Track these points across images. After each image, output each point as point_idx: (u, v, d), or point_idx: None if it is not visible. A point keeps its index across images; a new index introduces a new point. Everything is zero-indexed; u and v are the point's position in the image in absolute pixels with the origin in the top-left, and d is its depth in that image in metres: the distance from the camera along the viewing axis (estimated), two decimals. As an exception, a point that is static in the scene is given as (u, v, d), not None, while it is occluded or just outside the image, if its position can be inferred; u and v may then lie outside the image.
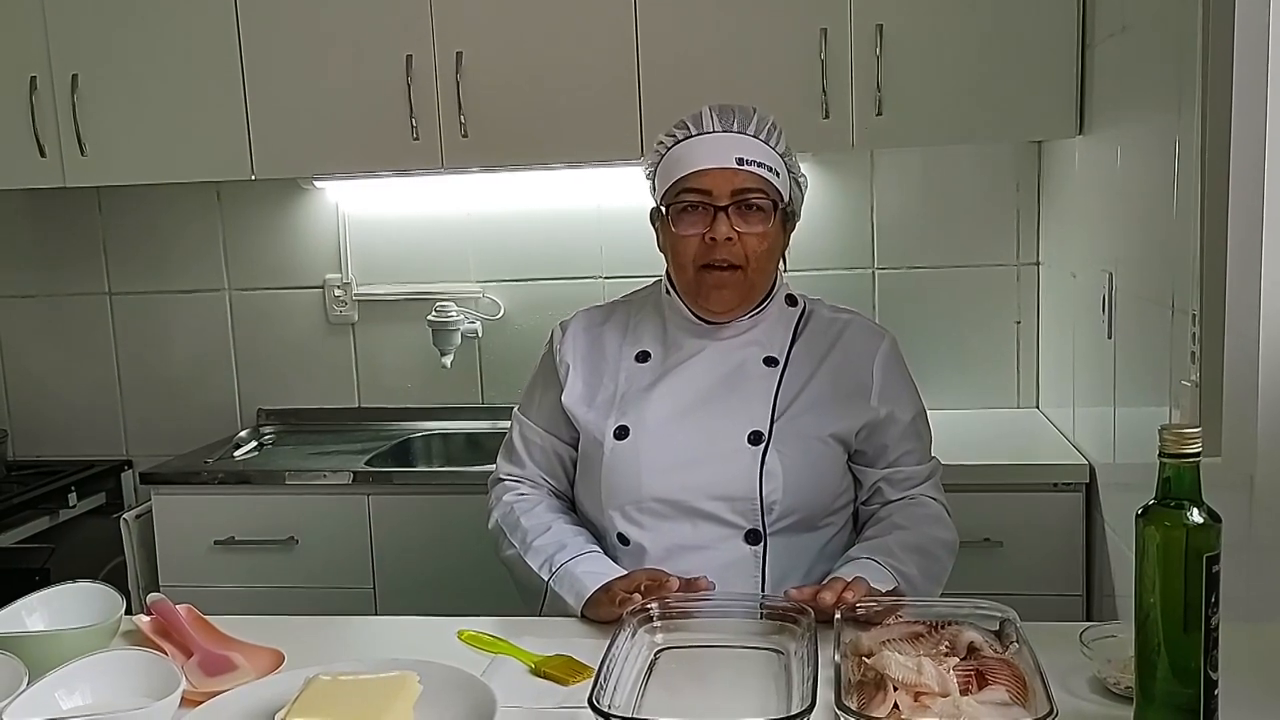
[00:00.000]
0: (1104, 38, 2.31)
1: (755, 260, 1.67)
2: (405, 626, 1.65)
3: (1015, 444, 2.66)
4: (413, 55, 2.62)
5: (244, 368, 3.22)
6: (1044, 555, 2.41)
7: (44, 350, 3.30)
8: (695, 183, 1.66)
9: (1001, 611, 1.35)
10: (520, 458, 1.84)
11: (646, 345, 1.78)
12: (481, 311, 3.07)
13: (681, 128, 1.71)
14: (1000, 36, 2.48)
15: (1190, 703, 1.11)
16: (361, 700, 1.21)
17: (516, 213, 3.03)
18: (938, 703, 1.17)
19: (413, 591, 2.61)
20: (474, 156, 2.66)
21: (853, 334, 1.78)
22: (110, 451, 3.26)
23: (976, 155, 2.88)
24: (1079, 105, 2.46)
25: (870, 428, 1.73)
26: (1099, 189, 2.33)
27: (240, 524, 2.68)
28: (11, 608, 1.47)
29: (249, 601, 2.53)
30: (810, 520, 1.71)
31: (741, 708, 1.26)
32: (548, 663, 1.41)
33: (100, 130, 2.76)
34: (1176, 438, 1.09)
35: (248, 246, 3.17)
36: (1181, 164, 1.78)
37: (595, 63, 2.58)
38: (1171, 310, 1.83)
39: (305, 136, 2.71)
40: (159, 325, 3.24)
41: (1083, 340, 2.46)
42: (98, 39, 2.74)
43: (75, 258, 3.24)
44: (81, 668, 1.30)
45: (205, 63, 2.71)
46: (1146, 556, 1.11)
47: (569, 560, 1.66)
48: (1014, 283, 2.92)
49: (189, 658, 1.44)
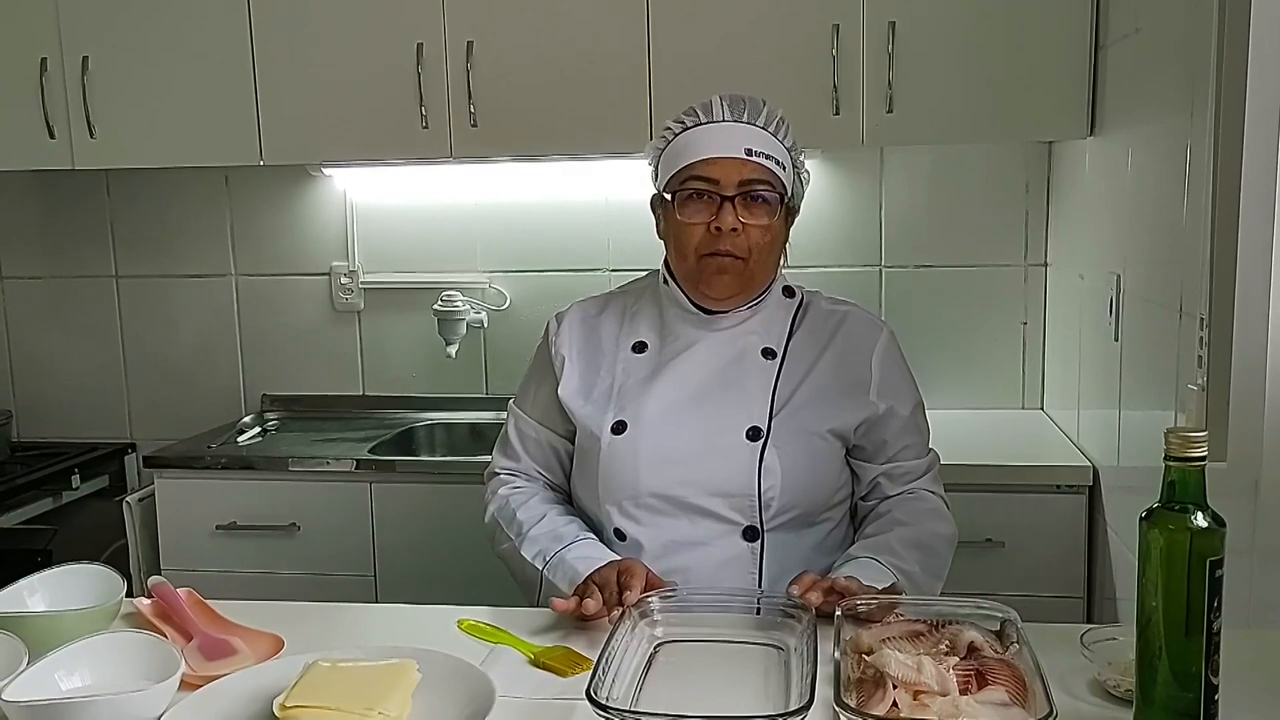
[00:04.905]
0: (1117, 39, 2.31)
1: (758, 252, 1.66)
2: (405, 615, 1.65)
3: (1019, 445, 2.66)
4: (423, 44, 2.62)
5: (249, 353, 3.22)
6: (1046, 557, 2.40)
7: (50, 332, 3.31)
8: (703, 170, 1.65)
9: (1002, 612, 1.35)
10: (515, 451, 1.84)
11: (643, 335, 1.77)
12: (487, 302, 3.07)
13: (690, 115, 1.70)
14: (1013, 36, 2.47)
15: (1190, 707, 1.10)
16: (360, 687, 1.21)
17: (524, 203, 3.03)
18: (937, 702, 1.17)
19: (413, 580, 2.62)
20: (483, 146, 2.66)
21: (851, 326, 1.77)
22: (114, 434, 3.27)
23: (986, 155, 2.88)
24: (1090, 106, 2.45)
25: (869, 423, 1.72)
26: (1109, 191, 2.32)
27: (242, 509, 2.68)
28: (13, 588, 1.47)
29: (250, 587, 2.54)
30: (808, 516, 1.70)
31: (740, 703, 1.25)
32: (547, 654, 1.41)
33: (110, 113, 2.76)
34: (1182, 441, 1.09)
35: (255, 232, 3.17)
36: (1192, 167, 1.78)
37: (606, 55, 2.57)
38: (1179, 314, 1.83)
39: (314, 123, 2.71)
40: (165, 309, 3.24)
41: (1089, 342, 2.46)
42: (109, 21, 2.74)
43: (83, 240, 3.24)
44: (81, 649, 1.30)
45: (216, 47, 2.71)
46: (1150, 560, 1.11)
47: (563, 548, 1.66)
48: (1021, 283, 2.91)
49: (189, 641, 1.45)
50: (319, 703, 1.19)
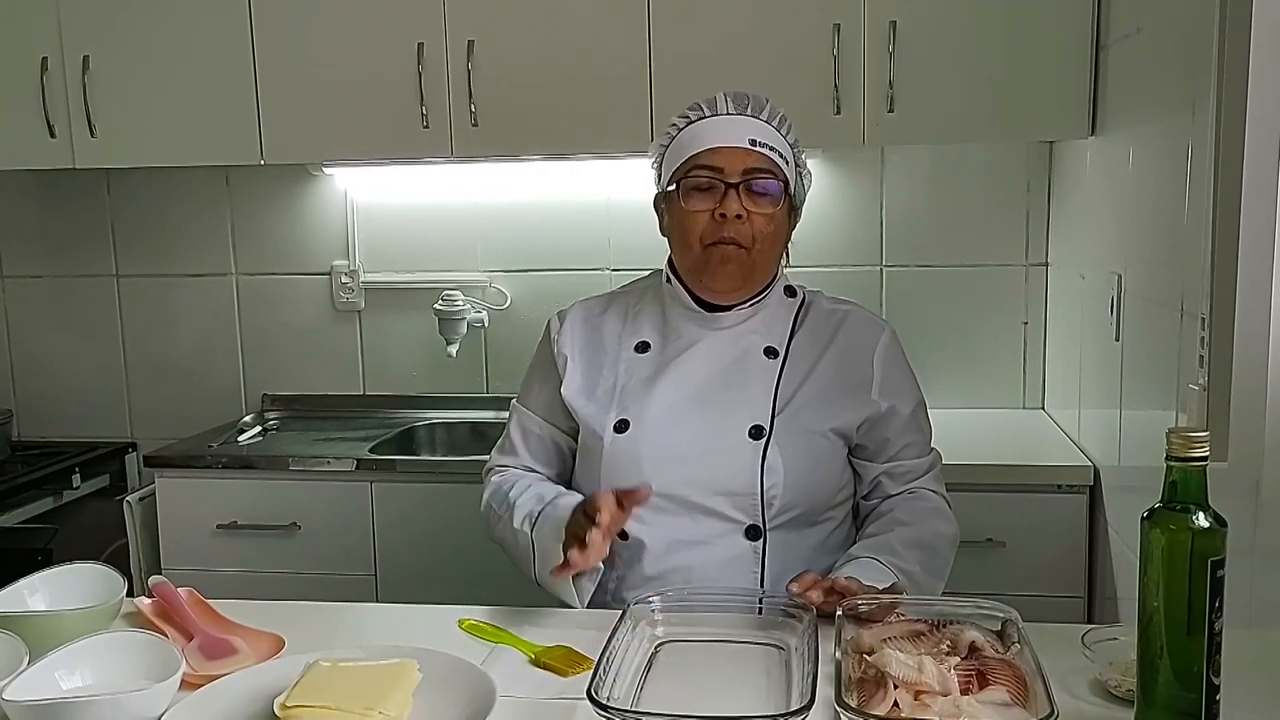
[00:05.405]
0: (1118, 39, 2.30)
1: (761, 241, 1.67)
2: (406, 614, 1.65)
3: (1020, 445, 2.66)
4: (424, 43, 2.61)
5: (250, 353, 3.22)
6: (1047, 556, 2.40)
7: (50, 331, 3.31)
8: (708, 160, 1.66)
9: (1003, 612, 1.35)
10: (515, 447, 1.84)
11: (646, 335, 1.77)
12: (488, 301, 3.07)
13: (695, 109, 1.72)
14: (1014, 36, 2.47)
15: (1192, 707, 1.10)
16: (361, 687, 1.21)
17: (525, 203, 3.03)
18: (938, 702, 1.17)
19: (414, 580, 2.61)
20: (484, 146, 2.66)
21: (852, 325, 1.78)
22: (115, 434, 3.27)
23: (987, 154, 2.87)
24: (1092, 106, 2.45)
25: (871, 422, 1.73)
26: (1110, 190, 2.32)
27: (243, 509, 2.68)
28: (13, 587, 1.47)
29: (250, 586, 2.53)
30: (810, 515, 1.70)
31: (741, 703, 1.25)
32: (548, 653, 1.41)
33: (110, 112, 2.76)
34: (1183, 441, 1.09)
35: (256, 231, 3.17)
36: (1194, 167, 1.78)
37: (607, 55, 2.57)
38: (1180, 313, 1.83)
39: (315, 122, 2.71)
40: (166, 308, 3.24)
41: (1090, 342, 2.46)
42: (110, 21, 2.74)
43: (83, 239, 3.24)
44: (82, 649, 1.30)
45: (217, 47, 2.71)
46: (1151, 560, 1.11)
47: (545, 506, 1.66)
48: (1022, 283, 2.91)
49: (189, 641, 1.45)
50: (320, 702, 1.18)
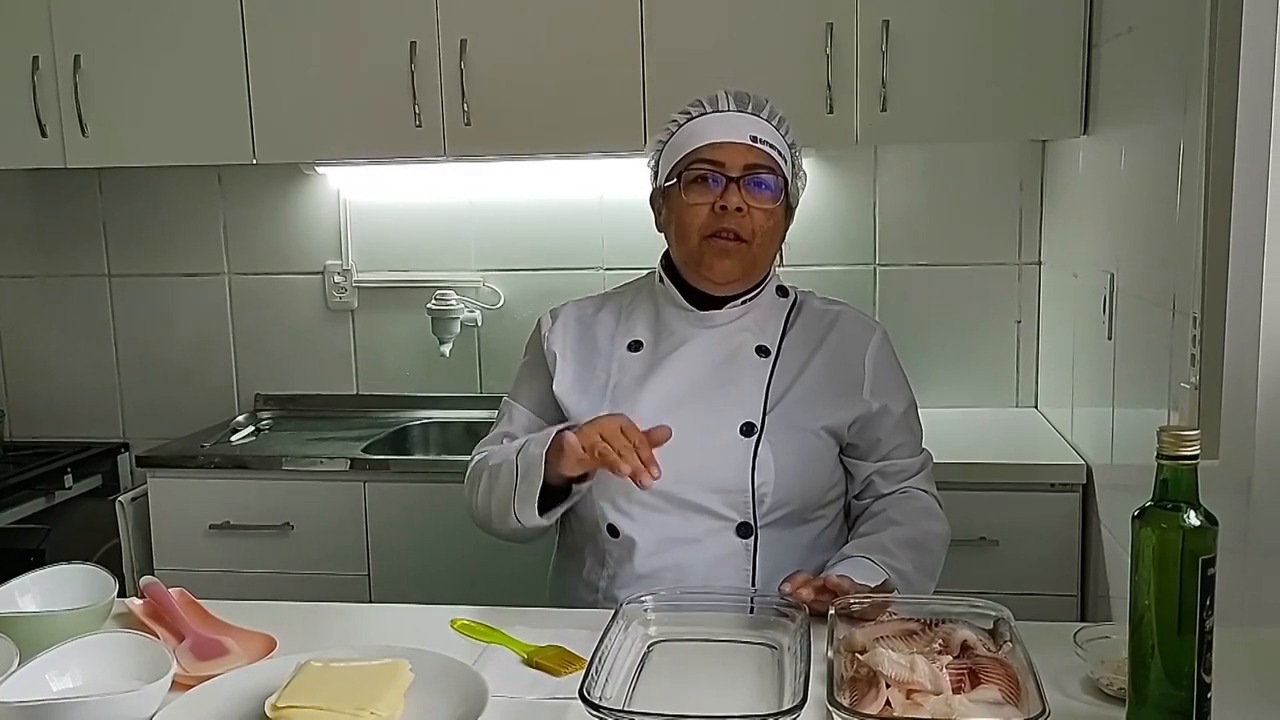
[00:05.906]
0: (1110, 38, 2.31)
1: (760, 235, 1.68)
2: (398, 614, 1.65)
3: (1013, 443, 2.66)
4: (416, 42, 2.61)
5: (242, 352, 3.22)
6: (1039, 555, 2.41)
7: (42, 331, 3.30)
8: (709, 154, 1.68)
9: (996, 610, 1.35)
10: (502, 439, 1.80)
11: (639, 334, 1.78)
12: (481, 300, 3.07)
13: (696, 106, 1.74)
14: (1007, 35, 2.47)
15: (1183, 705, 1.10)
16: (353, 687, 1.21)
17: (518, 202, 3.03)
18: (930, 700, 1.17)
19: (407, 580, 2.61)
20: (477, 145, 2.65)
21: (844, 326, 1.78)
22: (107, 434, 3.26)
23: (980, 153, 2.88)
24: (1084, 105, 2.45)
25: (863, 421, 1.73)
26: (1102, 189, 2.32)
27: (235, 509, 2.68)
28: (4, 588, 1.46)
29: (243, 586, 2.53)
30: (801, 513, 1.70)
31: (733, 702, 1.25)
32: (540, 653, 1.41)
33: (102, 111, 2.75)
34: (1175, 440, 1.09)
35: (248, 231, 3.16)
36: (1185, 166, 1.78)
37: (600, 53, 2.57)
38: (1172, 312, 1.83)
39: (308, 121, 2.70)
40: (158, 308, 3.23)
41: (1083, 341, 2.46)
42: (101, 19, 2.73)
43: (75, 239, 3.23)
44: (73, 649, 1.30)
45: (208, 45, 2.70)
46: (1142, 558, 1.11)
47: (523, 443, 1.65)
48: (1015, 282, 2.91)
49: (181, 641, 1.44)
50: (311, 703, 1.18)
